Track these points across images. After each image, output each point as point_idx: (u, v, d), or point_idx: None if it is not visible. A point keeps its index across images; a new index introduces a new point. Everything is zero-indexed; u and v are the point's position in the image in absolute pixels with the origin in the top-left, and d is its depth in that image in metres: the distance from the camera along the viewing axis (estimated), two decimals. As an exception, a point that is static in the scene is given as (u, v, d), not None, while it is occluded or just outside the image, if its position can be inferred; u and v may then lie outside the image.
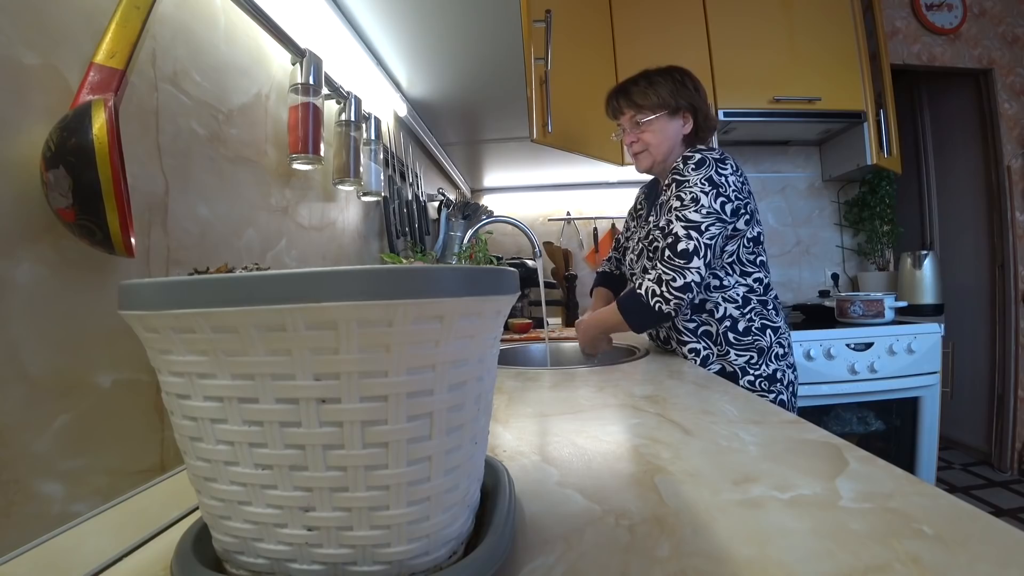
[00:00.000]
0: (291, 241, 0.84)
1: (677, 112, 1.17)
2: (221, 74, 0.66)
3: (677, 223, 1.03)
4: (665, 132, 1.17)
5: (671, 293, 1.01)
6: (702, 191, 1.03)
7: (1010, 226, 2.54)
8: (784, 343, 1.15)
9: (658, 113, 1.16)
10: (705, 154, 1.07)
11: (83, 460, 0.43)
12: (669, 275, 1.01)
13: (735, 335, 1.10)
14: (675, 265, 1.01)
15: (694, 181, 1.05)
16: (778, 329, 1.14)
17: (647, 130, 1.17)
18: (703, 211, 1.02)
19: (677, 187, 1.06)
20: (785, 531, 0.36)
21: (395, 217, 1.35)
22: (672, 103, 1.15)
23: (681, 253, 1.01)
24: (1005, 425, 2.55)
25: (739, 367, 1.10)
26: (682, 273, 1.00)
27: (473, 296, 0.27)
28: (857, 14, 2.19)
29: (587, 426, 0.64)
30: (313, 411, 0.25)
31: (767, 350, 1.11)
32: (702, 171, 1.05)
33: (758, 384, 1.10)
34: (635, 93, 1.18)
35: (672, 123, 1.17)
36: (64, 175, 0.38)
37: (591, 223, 2.73)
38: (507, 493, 0.37)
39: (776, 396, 1.11)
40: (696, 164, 1.05)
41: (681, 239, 1.02)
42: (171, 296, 0.25)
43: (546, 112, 1.40)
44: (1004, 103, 2.59)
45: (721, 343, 1.11)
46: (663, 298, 1.02)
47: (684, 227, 1.02)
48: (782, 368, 1.13)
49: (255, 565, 0.28)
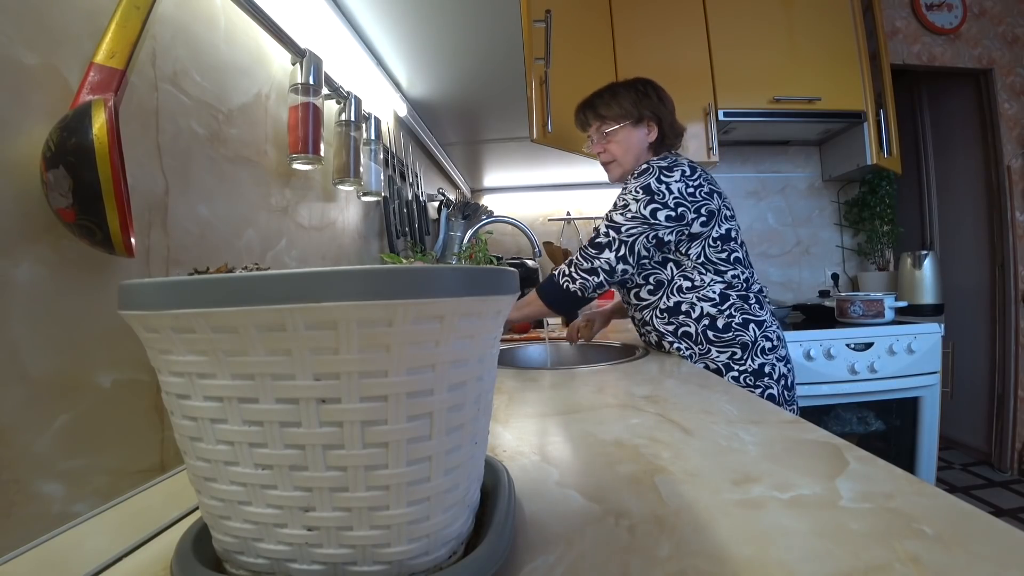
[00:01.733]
0: (291, 241, 0.84)
1: (641, 121, 1.20)
2: (221, 74, 0.66)
3: (603, 222, 1.12)
4: (630, 141, 1.21)
5: (577, 273, 1.10)
6: (634, 198, 1.09)
7: (1010, 226, 2.54)
8: (771, 336, 1.14)
9: (621, 123, 1.20)
10: (653, 163, 1.11)
11: (83, 460, 0.43)
12: (579, 258, 1.11)
13: (714, 332, 1.11)
14: (587, 254, 1.10)
15: (630, 188, 1.11)
16: (762, 323, 1.14)
17: (612, 140, 1.22)
18: (627, 215, 1.08)
19: (621, 191, 1.14)
20: (785, 531, 0.36)
21: (395, 217, 1.35)
22: (635, 113, 1.19)
23: (594, 245, 1.10)
24: (1005, 425, 2.55)
25: (722, 364, 1.11)
26: (591, 260, 1.09)
27: (473, 296, 0.27)
28: (857, 14, 2.19)
29: (587, 426, 0.64)
30: (313, 411, 0.25)
31: (751, 345, 1.12)
32: (641, 179, 1.10)
33: (743, 380, 1.10)
34: (599, 105, 1.22)
35: (636, 132, 1.21)
36: (64, 175, 0.38)
37: (591, 223, 2.73)
38: (507, 493, 0.37)
39: (764, 391, 1.11)
40: (640, 172, 1.11)
41: (600, 235, 1.10)
42: (171, 296, 0.25)
43: (546, 112, 1.40)
44: (1004, 103, 2.59)
45: (701, 342, 1.12)
46: (570, 277, 1.11)
47: (606, 226, 1.10)
48: (771, 362, 1.13)
49: (255, 565, 0.28)
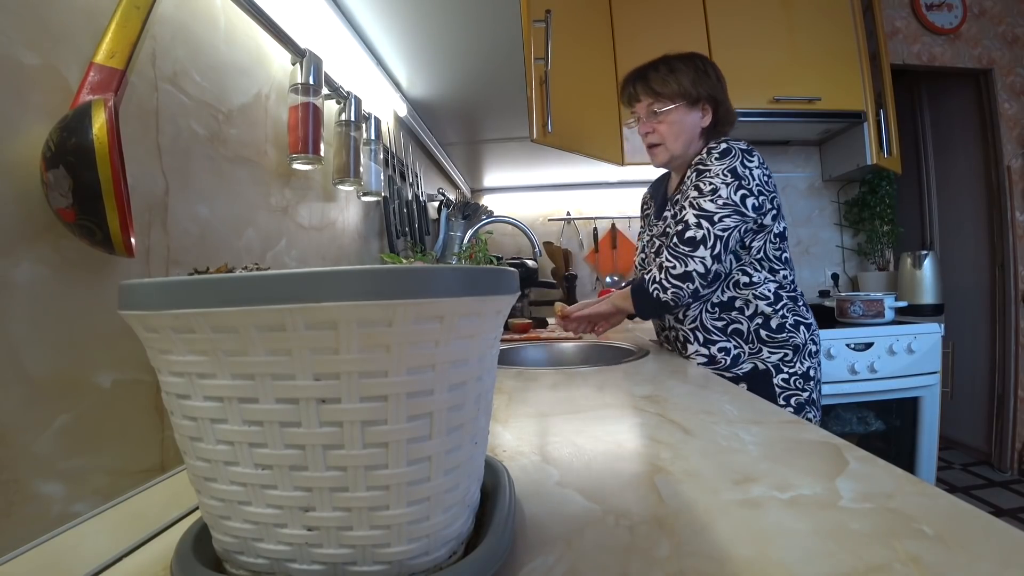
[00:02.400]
0: (291, 241, 0.84)
1: (696, 103, 1.09)
2: (221, 74, 0.66)
3: (690, 211, 0.99)
4: (683, 124, 1.09)
5: (669, 281, 0.98)
6: (723, 182, 0.98)
7: (1010, 226, 2.54)
8: (816, 340, 1.11)
9: (676, 103, 1.08)
10: (732, 144, 1.01)
11: (83, 460, 0.43)
12: (671, 262, 0.98)
13: (768, 332, 1.05)
14: (679, 252, 0.97)
15: (716, 171, 0.99)
16: (810, 326, 1.10)
17: (664, 121, 1.10)
18: (719, 202, 0.97)
19: (698, 176, 1.01)
20: (785, 531, 0.36)
21: (395, 217, 1.35)
22: (692, 93, 1.08)
23: (687, 240, 0.97)
24: (1005, 425, 2.55)
25: (772, 365, 1.05)
26: (684, 261, 0.96)
27: (473, 296, 0.27)
28: (857, 14, 2.19)
29: (587, 426, 0.64)
30: (313, 411, 0.25)
31: (802, 347, 1.07)
32: (726, 161, 0.99)
33: (792, 382, 1.05)
34: (654, 79, 1.10)
35: (690, 115, 1.09)
36: (64, 175, 0.38)
37: (591, 223, 2.73)
38: (507, 493, 0.37)
39: (809, 394, 1.07)
40: (721, 154, 1.00)
41: (691, 227, 0.97)
42: (171, 296, 0.25)
43: (546, 112, 1.40)
44: (1004, 103, 2.59)
45: (753, 340, 1.06)
46: (661, 286, 0.99)
47: (696, 215, 0.97)
48: (814, 366, 1.09)
49: (255, 565, 0.28)
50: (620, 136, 2.04)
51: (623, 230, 2.71)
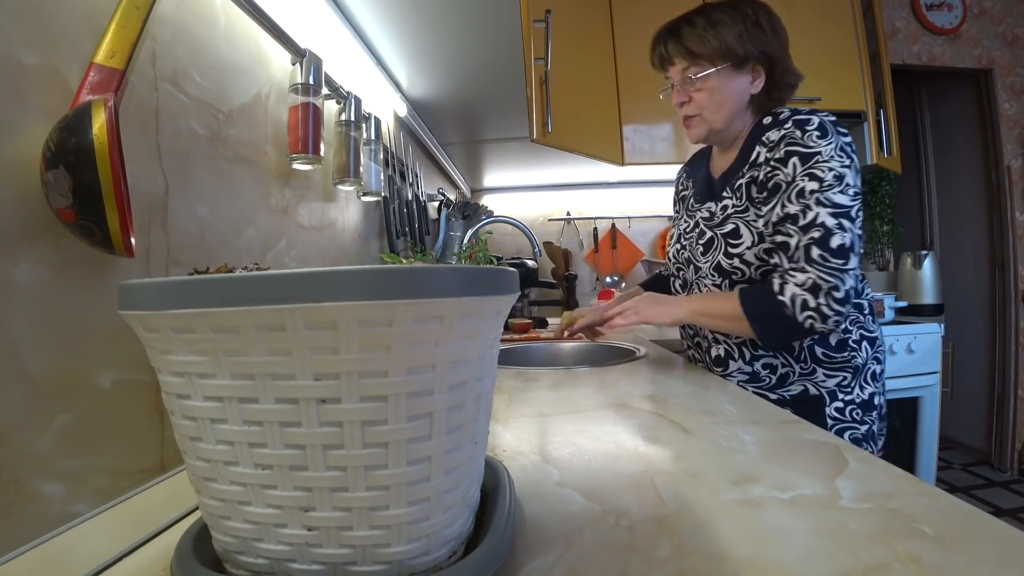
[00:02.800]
0: (291, 241, 0.84)
1: (744, 64, 0.87)
2: (221, 74, 0.66)
3: (822, 209, 0.77)
4: (726, 91, 0.88)
5: (832, 307, 0.75)
6: (843, 165, 0.78)
7: (1010, 226, 2.54)
8: (882, 357, 0.92)
9: (718, 65, 0.87)
10: (820, 117, 0.82)
11: (83, 460, 0.43)
12: (829, 281, 0.75)
13: (825, 350, 0.86)
14: (833, 267, 0.75)
15: (829, 153, 0.78)
16: (875, 340, 0.91)
17: (702, 88, 0.89)
18: (850, 191, 0.78)
19: (805, 162, 0.79)
20: (785, 531, 0.36)
21: (395, 217, 1.35)
22: (738, 52, 0.85)
23: (839, 251, 0.76)
24: (1005, 425, 2.55)
25: (827, 391, 0.87)
26: (842, 278, 0.75)
27: (473, 296, 0.27)
28: (857, 14, 2.19)
29: (587, 426, 0.64)
30: (313, 411, 0.25)
31: (862, 368, 0.88)
32: (832, 140, 0.79)
33: (849, 413, 0.86)
34: (689, 37, 0.88)
35: (736, 79, 0.88)
36: (64, 175, 0.38)
37: (591, 223, 2.73)
38: (507, 493, 0.37)
39: (868, 427, 0.87)
40: (819, 131, 0.80)
41: (834, 232, 0.76)
42: (171, 296, 0.25)
43: (546, 112, 1.40)
44: (1004, 103, 2.59)
45: (806, 359, 0.87)
46: (819, 313, 0.76)
47: (833, 214, 0.77)
48: (878, 391, 0.90)
49: (255, 565, 0.28)
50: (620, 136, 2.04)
51: (623, 230, 2.71)
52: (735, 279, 0.89)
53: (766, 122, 0.87)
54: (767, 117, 0.88)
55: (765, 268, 0.85)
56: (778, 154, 0.83)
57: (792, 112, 0.85)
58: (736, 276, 0.88)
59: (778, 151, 0.83)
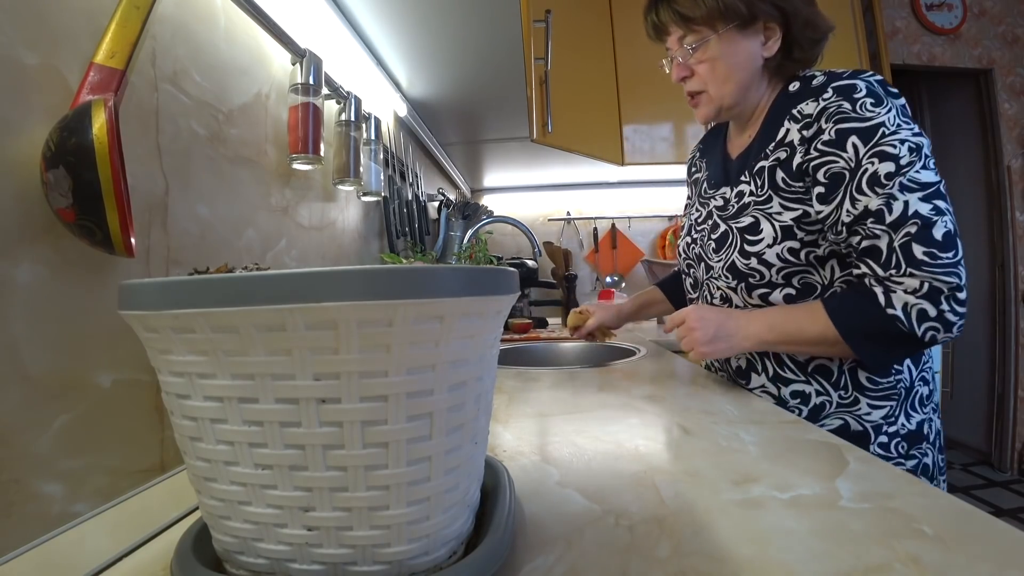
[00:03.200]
0: (291, 241, 0.84)
1: (752, 23, 0.73)
2: (221, 74, 0.66)
3: (910, 196, 0.62)
4: (733, 59, 0.74)
5: (957, 311, 0.62)
6: (914, 134, 0.64)
7: (1010, 226, 2.54)
8: (928, 375, 0.77)
9: (719, 30, 0.73)
10: (865, 79, 0.67)
11: (83, 460, 0.43)
12: (949, 281, 0.61)
13: (869, 373, 0.72)
14: (946, 263, 0.61)
15: (894, 122, 0.64)
16: (919, 357, 0.75)
17: (704, 59, 0.76)
18: (930, 164, 0.64)
19: (868, 140, 0.64)
20: (785, 531, 0.36)
21: (395, 217, 1.35)
22: (742, 10, 0.72)
23: (946, 241, 0.62)
24: (1005, 425, 2.55)
25: (872, 425, 0.71)
26: (959, 272, 0.62)
27: (473, 296, 0.27)
28: (857, 14, 2.19)
29: (587, 426, 0.64)
30: (313, 411, 0.25)
31: (909, 393, 0.73)
32: (889, 105, 0.65)
33: (894, 447, 0.72)
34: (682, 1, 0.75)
35: (744, 43, 0.74)
36: (64, 175, 0.38)
37: (591, 223, 2.73)
38: (507, 493, 0.37)
39: (918, 461, 0.72)
40: (871, 96, 0.65)
41: (933, 220, 0.62)
42: (171, 296, 0.25)
43: (546, 112, 1.40)
44: (1004, 103, 2.59)
45: (847, 386, 0.73)
46: (943, 322, 0.61)
47: (924, 197, 0.63)
48: (928, 417, 0.74)
49: (255, 565, 0.28)
50: (620, 136, 2.04)
51: (623, 230, 2.71)
52: (752, 282, 0.75)
53: (793, 89, 0.73)
54: (794, 83, 0.74)
55: (788, 270, 0.72)
56: (825, 135, 0.67)
57: (828, 76, 0.69)
58: (754, 279, 0.75)
59: (822, 130, 0.67)
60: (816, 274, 0.72)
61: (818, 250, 0.70)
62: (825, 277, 0.71)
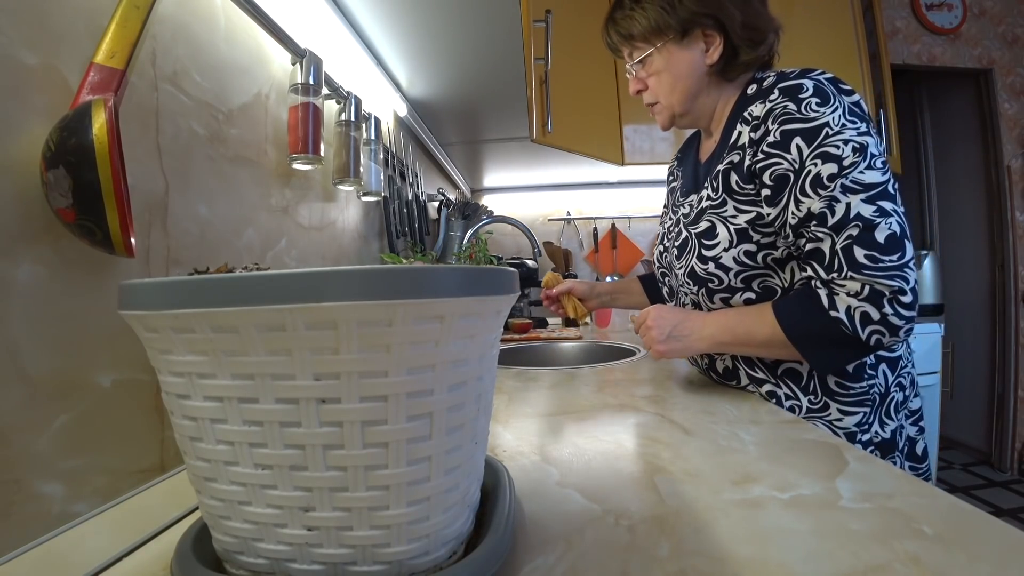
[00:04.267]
0: (291, 241, 0.84)
1: (689, 34, 0.75)
2: (221, 74, 0.66)
3: (853, 197, 0.61)
4: (675, 70, 0.77)
5: (902, 315, 0.60)
6: (860, 133, 0.62)
7: (1010, 226, 2.54)
8: (906, 383, 0.74)
9: (655, 44, 0.77)
10: (813, 78, 0.66)
11: (83, 460, 0.43)
12: (891, 284, 0.59)
13: (839, 377, 0.70)
14: (889, 266, 0.60)
15: (838, 121, 0.63)
16: (896, 362, 0.73)
17: (650, 72, 0.80)
18: (878, 163, 0.62)
19: (809, 137, 0.63)
20: (785, 531, 0.36)
21: (395, 217, 1.35)
22: (672, 23, 0.74)
23: (889, 243, 0.60)
24: (1005, 425, 2.55)
25: (846, 432, 0.69)
26: (904, 275, 0.60)
27: (473, 296, 0.27)
28: (857, 14, 2.19)
29: (587, 426, 0.64)
30: (313, 411, 0.25)
31: (884, 399, 0.71)
32: (835, 103, 0.64)
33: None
34: (620, 20, 0.80)
35: (683, 53, 0.76)
36: (64, 175, 0.38)
37: (591, 223, 2.73)
38: (507, 493, 0.37)
39: None
40: (817, 96, 0.64)
41: (876, 221, 0.60)
42: (171, 296, 0.25)
43: (546, 112, 1.40)
44: (1004, 103, 2.59)
45: (816, 391, 0.71)
46: (886, 325, 0.60)
47: (868, 198, 0.61)
48: (900, 424, 0.72)
49: (255, 565, 0.28)
50: (620, 136, 2.04)
51: (623, 230, 2.71)
52: (712, 287, 0.74)
53: (750, 92, 0.74)
54: (752, 85, 0.74)
55: (747, 274, 0.71)
56: (771, 136, 0.66)
57: (777, 77, 0.69)
58: (712, 284, 0.74)
59: (768, 132, 0.67)
60: (776, 277, 0.71)
61: (776, 252, 0.69)
62: (785, 280, 0.71)
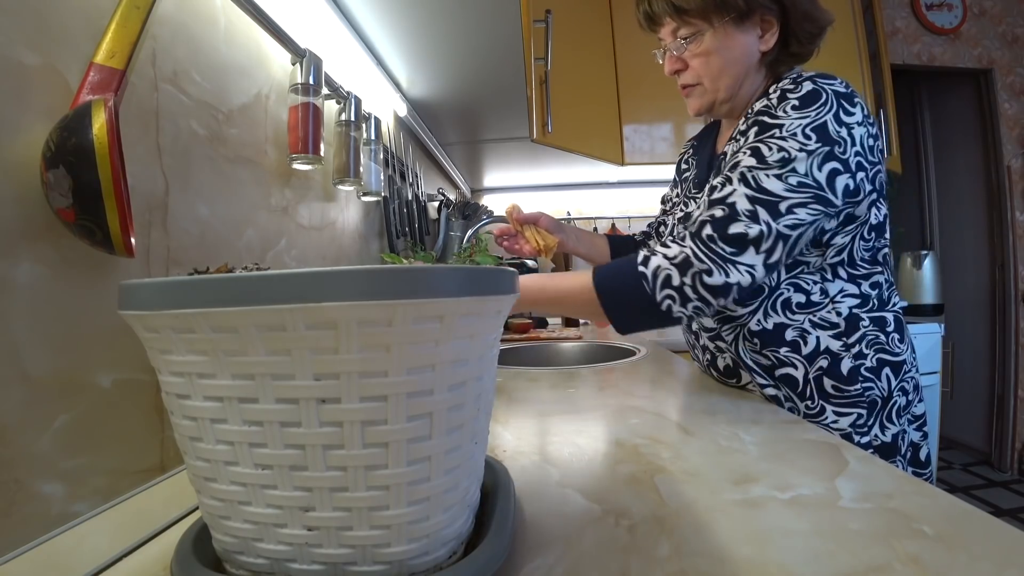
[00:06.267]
0: (291, 241, 0.84)
1: (749, 17, 0.70)
2: (221, 74, 0.66)
3: (742, 188, 0.62)
4: (728, 53, 0.71)
5: (697, 291, 0.62)
6: (801, 147, 0.62)
7: (1010, 226, 2.54)
8: (908, 384, 0.72)
9: (715, 23, 0.70)
10: (820, 82, 0.64)
11: (83, 460, 0.43)
12: (703, 263, 0.61)
13: (835, 381, 0.69)
14: (717, 252, 0.62)
15: (792, 127, 0.62)
16: (900, 365, 0.71)
17: (698, 52, 0.73)
18: (792, 180, 0.61)
19: (761, 131, 0.65)
20: (785, 531, 0.36)
21: (395, 217, 1.35)
22: (739, 3, 0.68)
23: (734, 238, 0.61)
24: (1005, 425, 2.55)
25: (842, 434, 0.68)
26: (725, 268, 0.61)
27: (473, 296, 0.27)
28: (857, 14, 2.19)
29: (587, 426, 0.64)
30: (313, 411, 0.25)
31: (883, 403, 0.69)
32: (810, 111, 0.63)
33: None
34: None
35: (740, 37, 0.71)
36: (64, 175, 0.38)
37: (591, 223, 2.73)
38: (507, 493, 0.37)
39: None
40: (802, 99, 0.64)
41: (740, 216, 0.62)
42: (171, 296, 0.25)
43: (546, 112, 1.40)
44: (1004, 103, 2.59)
45: (812, 395, 0.70)
46: (680, 294, 0.62)
47: (751, 198, 0.62)
48: (903, 429, 0.70)
49: (255, 565, 0.28)
50: (620, 136, 2.04)
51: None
52: None
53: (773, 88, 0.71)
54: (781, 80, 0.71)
55: None
56: (746, 127, 0.68)
57: (797, 77, 0.67)
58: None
59: (753, 117, 0.68)
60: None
61: None
62: (772, 277, 0.70)
